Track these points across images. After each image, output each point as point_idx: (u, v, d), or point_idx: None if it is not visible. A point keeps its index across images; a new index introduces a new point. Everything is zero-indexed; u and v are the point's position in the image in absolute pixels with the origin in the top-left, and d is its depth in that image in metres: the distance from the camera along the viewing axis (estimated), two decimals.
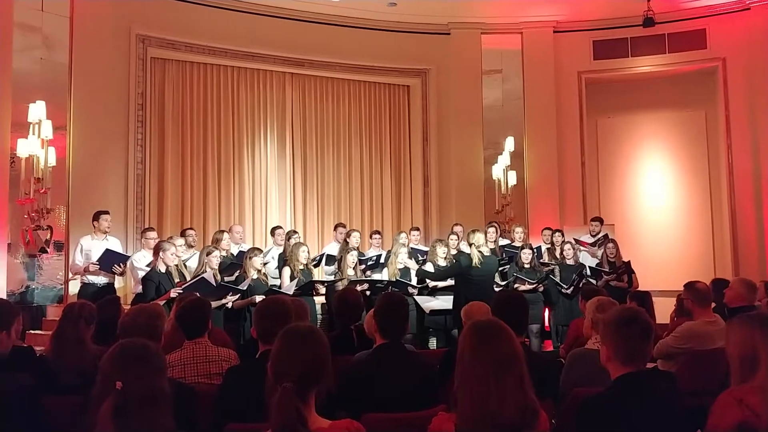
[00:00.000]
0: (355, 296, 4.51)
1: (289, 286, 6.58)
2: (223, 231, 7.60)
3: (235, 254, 7.37)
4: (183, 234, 7.68)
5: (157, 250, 6.20)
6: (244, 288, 6.29)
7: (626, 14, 10.47)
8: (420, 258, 7.97)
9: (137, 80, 9.16)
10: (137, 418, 1.78)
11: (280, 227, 8.52)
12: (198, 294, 4.93)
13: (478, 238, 6.99)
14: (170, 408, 1.87)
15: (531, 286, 7.30)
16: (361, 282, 6.84)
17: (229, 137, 10.17)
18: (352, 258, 7.18)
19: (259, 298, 6.13)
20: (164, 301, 5.50)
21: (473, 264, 6.80)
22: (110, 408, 1.76)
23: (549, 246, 8.58)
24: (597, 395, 2.38)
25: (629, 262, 7.82)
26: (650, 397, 2.26)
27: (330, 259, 7.80)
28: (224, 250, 7.22)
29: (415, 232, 8.68)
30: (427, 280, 7.38)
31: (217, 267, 6.47)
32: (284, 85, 10.66)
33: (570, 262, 7.87)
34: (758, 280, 6.30)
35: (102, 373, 1.88)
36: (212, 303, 5.16)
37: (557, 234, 8.60)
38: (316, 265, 7.60)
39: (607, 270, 7.69)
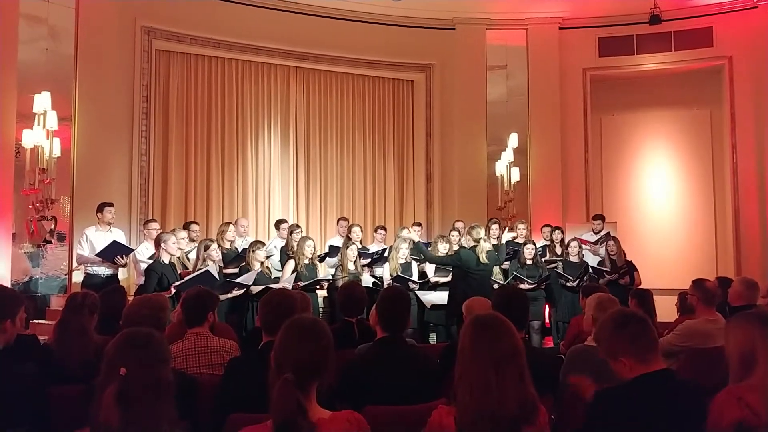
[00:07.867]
0: (359, 290, 4.52)
1: (288, 279, 6.60)
2: (228, 223, 7.58)
3: (239, 247, 7.36)
4: (186, 227, 7.58)
5: (157, 242, 6.14)
6: (250, 282, 6.24)
7: (632, 11, 10.46)
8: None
9: (142, 72, 9.18)
10: (140, 405, 1.79)
11: (285, 220, 8.52)
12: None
13: (483, 233, 6.98)
14: (173, 397, 1.88)
15: (531, 286, 7.28)
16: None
17: (233, 130, 10.19)
18: (352, 252, 7.20)
19: (256, 289, 6.23)
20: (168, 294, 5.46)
21: (481, 260, 6.77)
22: (114, 393, 1.77)
23: (549, 243, 8.58)
24: (621, 388, 2.29)
25: (631, 261, 7.83)
26: (677, 399, 2.20)
27: (334, 250, 7.83)
28: (229, 241, 7.24)
29: (417, 228, 8.62)
30: (426, 270, 7.41)
31: (219, 259, 6.46)
32: (288, 79, 10.67)
33: (574, 259, 7.86)
34: (760, 278, 6.28)
35: (106, 360, 1.90)
36: None
37: (557, 231, 8.61)
38: (321, 260, 7.60)
39: (608, 269, 7.69)
